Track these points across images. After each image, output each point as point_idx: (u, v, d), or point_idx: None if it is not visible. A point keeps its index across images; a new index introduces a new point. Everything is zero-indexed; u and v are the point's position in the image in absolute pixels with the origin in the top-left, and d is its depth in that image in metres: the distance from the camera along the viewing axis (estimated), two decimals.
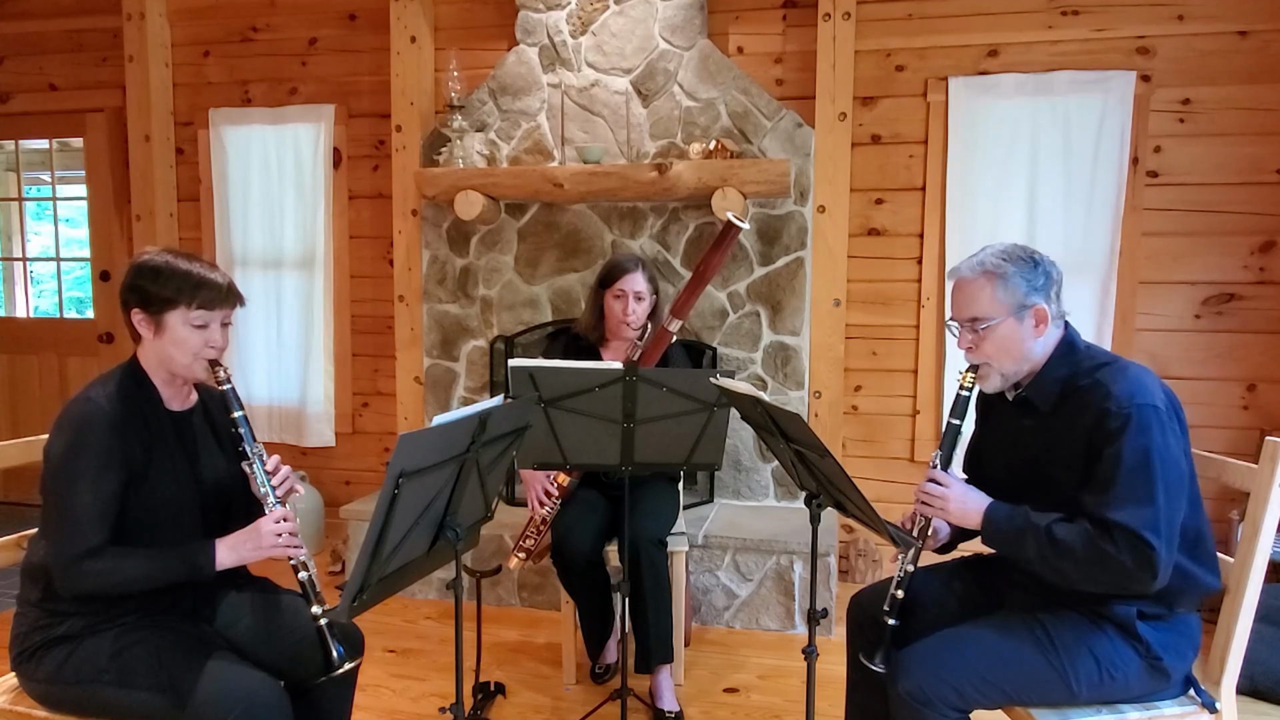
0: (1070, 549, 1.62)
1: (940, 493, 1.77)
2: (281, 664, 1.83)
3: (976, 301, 1.77)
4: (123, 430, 1.70)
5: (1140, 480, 1.59)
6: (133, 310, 1.77)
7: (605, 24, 3.68)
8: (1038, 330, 1.76)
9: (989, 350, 1.77)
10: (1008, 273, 1.74)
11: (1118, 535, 1.57)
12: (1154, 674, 1.69)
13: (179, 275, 1.75)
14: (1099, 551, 1.59)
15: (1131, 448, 1.60)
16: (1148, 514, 1.57)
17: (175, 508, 1.77)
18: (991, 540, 1.74)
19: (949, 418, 1.85)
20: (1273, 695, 2.70)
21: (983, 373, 1.81)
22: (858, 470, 3.77)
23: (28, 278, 5.08)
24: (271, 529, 1.73)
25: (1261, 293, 3.45)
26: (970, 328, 1.78)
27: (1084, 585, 1.65)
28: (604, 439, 2.21)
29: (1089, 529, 1.61)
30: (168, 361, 1.79)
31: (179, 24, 4.39)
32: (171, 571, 1.69)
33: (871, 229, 3.76)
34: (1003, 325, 1.75)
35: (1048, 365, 1.78)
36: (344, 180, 4.26)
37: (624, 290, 2.77)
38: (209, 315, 1.77)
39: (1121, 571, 1.58)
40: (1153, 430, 1.61)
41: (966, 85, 3.57)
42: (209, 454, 1.88)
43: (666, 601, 2.63)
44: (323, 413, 4.34)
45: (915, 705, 1.67)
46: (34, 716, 1.75)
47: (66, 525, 1.65)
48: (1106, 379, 1.68)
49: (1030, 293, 1.74)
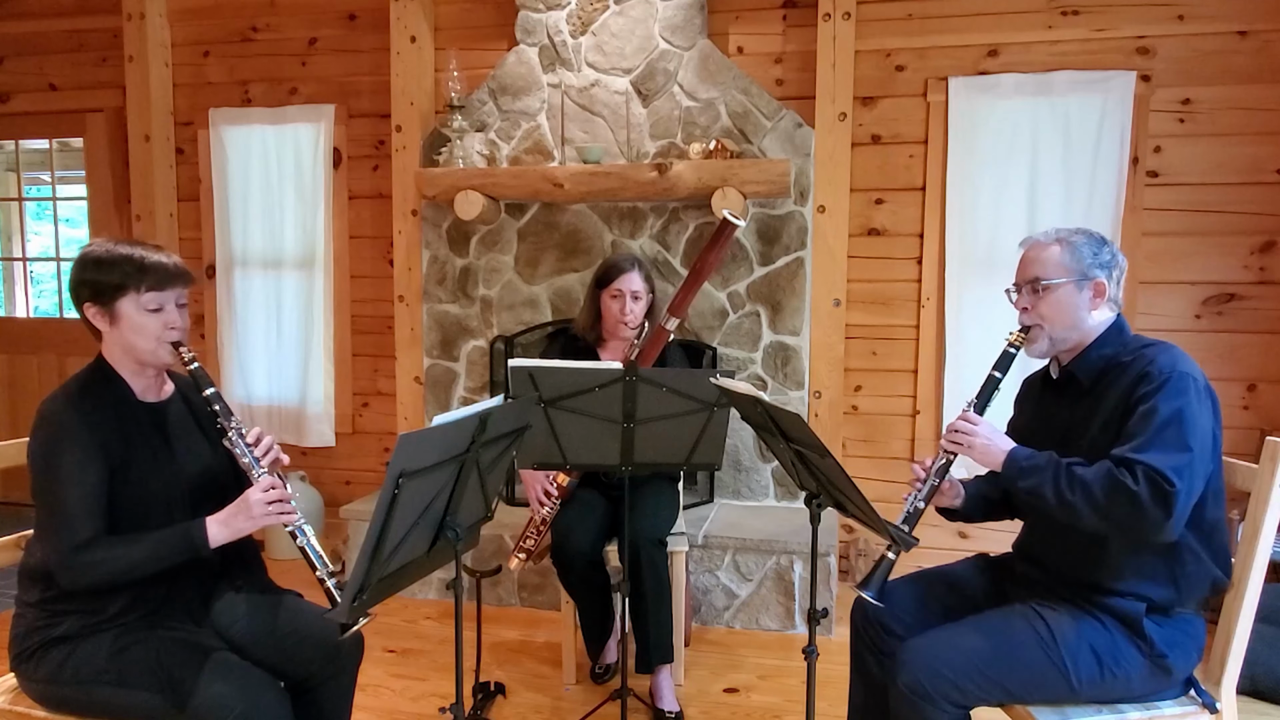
0: (1087, 483, 1.63)
1: (968, 428, 1.81)
2: (281, 664, 1.83)
3: (1042, 262, 1.83)
4: (95, 423, 1.70)
5: (1171, 433, 1.60)
6: (85, 305, 1.76)
7: (605, 24, 3.68)
8: (1094, 303, 1.81)
9: (1044, 310, 1.82)
10: (1078, 243, 1.82)
11: (1139, 470, 1.58)
12: (1157, 672, 1.69)
13: (123, 260, 1.73)
14: (1115, 483, 1.59)
15: (1166, 404, 1.62)
16: (1174, 457, 1.58)
17: (164, 499, 1.77)
18: (1010, 477, 1.75)
19: (991, 370, 1.89)
20: (1273, 695, 2.70)
21: (1033, 335, 1.86)
22: (858, 470, 3.77)
23: (28, 278, 5.08)
24: (260, 498, 1.71)
25: (1261, 293, 3.45)
26: (1031, 288, 1.84)
27: (1094, 522, 1.63)
28: (604, 439, 2.21)
29: (1110, 466, 1.62)
30: (131, 351, 1.77)
31: (179, 24, 4.39)
32: (168, 552, 1.68)
33: (871, 229, 3.76)
34: (1062, 289, 1.81)
35: (1096, 342, 1.82)
36: (344, 180, 4.26)
37: (621, 290, 2.77)
38: (161, 296, 1.75)
39: (1136, 505, 1.57)
40: (1189, 394, 1.63)
41: (966, 85, 3.57)
42: (192, 442, 1.87)
43: (666, 601, 2.63)
44: (323, 413, 4.34)
45: (915, 699, 1.68)
46: (33, 716, 1.75)
47: (58, 521, 1.65)
48: (1150, 353, 1.73)
49: (1094, 265, 1.80)
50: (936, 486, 1.87)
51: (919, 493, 1.87)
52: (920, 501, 1.87)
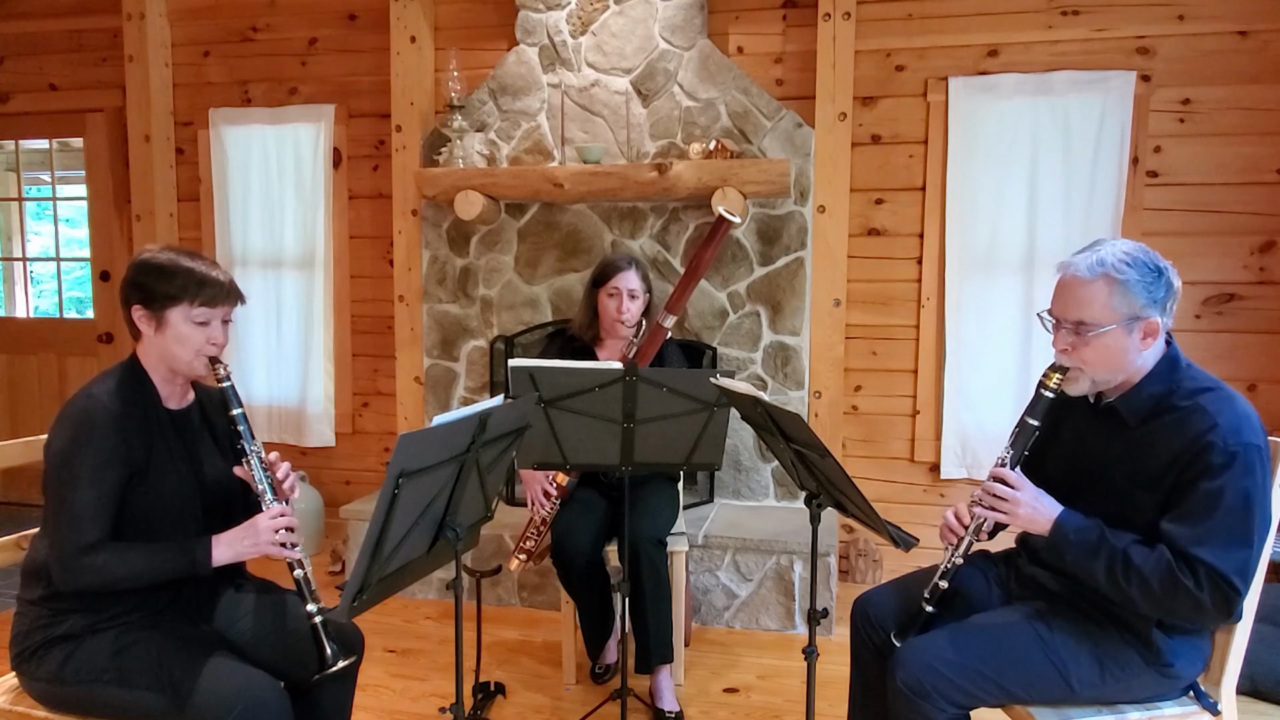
0: (1145, 577, 1.55)
1: (1010, 495, 1.67)
2: (281, 664, 1.83)
3: (1088, 305, 1.62)
4: (124, 426, 1.71)
5: (1237, 522, 1.52)
6: (134, 306, 1.77)
7: (605, 24, 3.68)
8: (1144, 343, 1.63)
9: (1088, 357, 1.65)
10: (1130, 280, 1.59)
11: (1202, 573, 1.52)
12: (1161, 679, 1.69)
13: (183, 273, 1.76)
14: (1176, 585, 1.53)
15: (1234, 489, 1.52)
16: (1239, 557, 1.52)
17: (177, 505, 1.78)
18: (1058, 550, 1.66)
19: (1025, 416, 1.73)
20: (1273, 695, 2.70)
21: (1072, 375, 1.69)
22: (858, 470, 3.77)
23: (28, 278, 5.08)
24: (269, 525, 1.73)
25: (1261, 293, 3.45)
26: (1073, 329, 1.65)
27: (1148, 611, 1.61)
28: (604, 439, 2.21)
29: (1170, 560, 1.54)
30: (169, 358, 1.79)
31: (179, 24, 4.39)
32: (169, 567, 1.69)
33: (871, 229, 3.76)
34: (1110, 334, 1.61)
35: (1145, 379, 1.66)
36: (344, 180, 4.26)
37: (618, 288, 2.77)
38: (211, 312, 1.78)
39: (1197, 608, 1.53)
40: (1257, 473, 1.54)
41: (966, 85, 3.57)
42: (207, 452, 1.88)
43: (666, 601, 2.63)
44: (323, 413, 4.34)
45: (913, 697, 1.67)
46: (34, 716, 1.75)
47: (67, 520, 1.65)
48: (1210, 405, 1.57)
49: (1148, 305, 1.60)
50: (973, 544, 1.79)
51: (957, 549, 1.79)
52: (959, 558, 1.79)
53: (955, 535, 1.79)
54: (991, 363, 3.59)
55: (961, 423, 3.64)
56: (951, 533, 1.80)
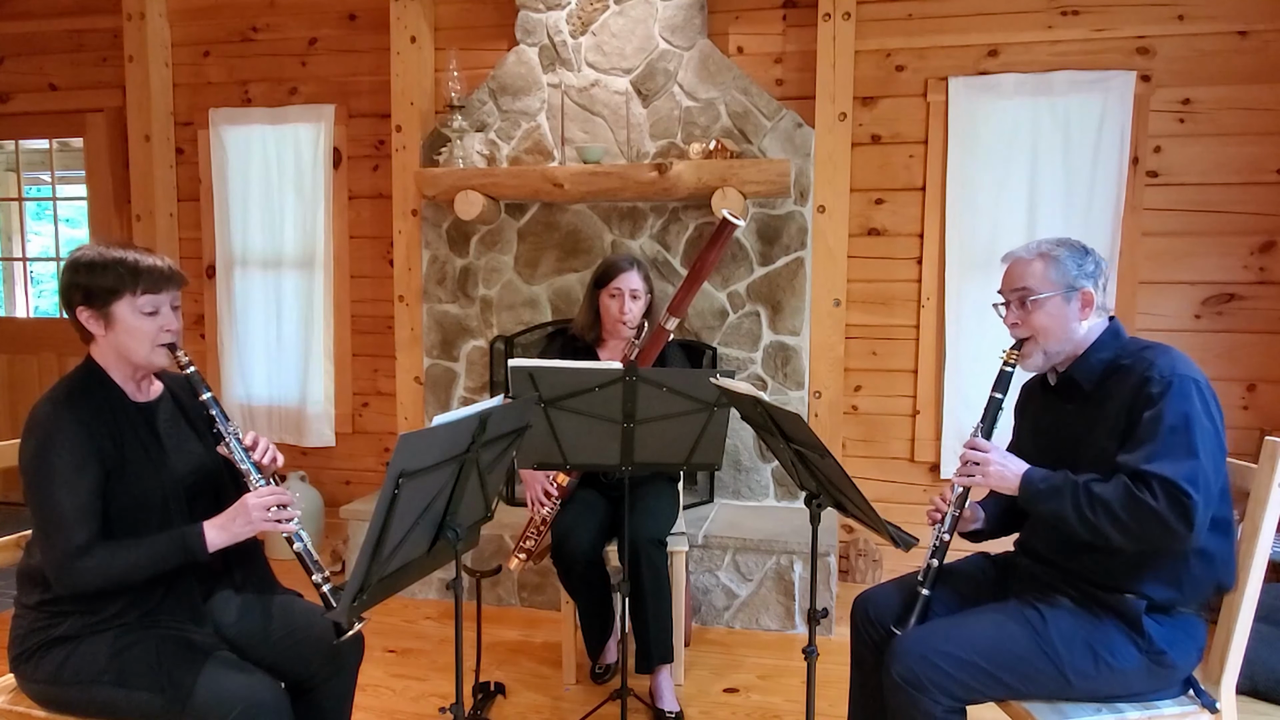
0: (1108, 504, 1.63)
1: (980, 456, 1.80)
2: (281, 664, 1.83)
3: (1029, 277, 1.84)
4: (88, 426, 1.69)
5: (1180, 439, 1.62)
6: (78, 309, 1.74)
7: (605, 24, 3.68)
8: (1083, 313, 1.82)
9: (1036, 322, 1.83)
10: (1061, 255, 1.83)
11: (1156, 485, 1.59)
12: (1155, 670, 1.69)
13: (114, 263, 1.72)
14: (1138, 504, 1.60)
15: (1173, 410, 1.63)
16: (1186, 466, 1.59)
17: (160, 500, 1.76)
18: (1029, 500, 1.75)
19: (992, 392, 1.91)
20: (1273, 695, 2.70)
21: (1026, 349, 1.87)
22: (858, 470, 3.77)
23: (28, 278, 5.08)
24: (258, 503, 1.71)
25: (1261, 293, 3.45)
26: (1019, 302, 1.85)
27: (1121, 540, 1.64)
28: (604, 439, 2.21)
29: (1126, 482, 1.63)
30: (127, 354, 1.76)
31: (179, 24, 4.39)
32: (165, 557, 1.68)
33: (871, 229, 3.76)
34: (1051, 302, 1.82)
35: (1092, 348, 1.83)
36: (344, 180, 4.26)
37: (619, 289, 2.77)
38: (156, 299, 1.75)
39: (1159, 522, 1.59)
40: (1194, 399, 1.65)
41: (966, 85, 3.57)
42: (184, 440, 1.86)
43: (666, 601, 2.63)
44: (323, 413, 4.34)
45: (909, 690, 1.68)
46: (33, 717, 1.75)
47: (53, 528, 1.64)
48: (1149, 356, 1.74)
49: (1080, 276, 1.82)
50: (958, 516, 1.90)
51: (942, 525, 1.90)
52: (945, 534, 1.89)
53: (940, 512, 1.90)
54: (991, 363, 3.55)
55: (961, 423, 3.64)
56: (937, 511, 1.91)
